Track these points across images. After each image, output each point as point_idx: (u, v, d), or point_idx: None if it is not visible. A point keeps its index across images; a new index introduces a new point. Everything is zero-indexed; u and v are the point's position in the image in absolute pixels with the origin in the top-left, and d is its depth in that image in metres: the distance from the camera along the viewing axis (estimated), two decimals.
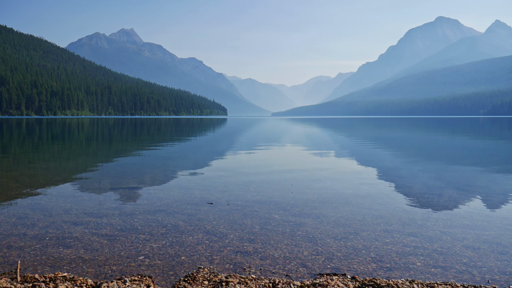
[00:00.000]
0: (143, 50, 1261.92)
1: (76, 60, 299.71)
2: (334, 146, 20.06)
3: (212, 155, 15.27)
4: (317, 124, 64.47)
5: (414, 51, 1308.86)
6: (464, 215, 6.03)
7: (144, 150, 16.90)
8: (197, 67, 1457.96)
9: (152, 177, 9.60)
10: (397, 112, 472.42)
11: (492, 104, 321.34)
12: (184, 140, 23.82)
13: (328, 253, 4.41)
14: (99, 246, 4.56)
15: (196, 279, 3.62)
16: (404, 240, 4.83)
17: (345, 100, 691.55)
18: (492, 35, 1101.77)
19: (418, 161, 13.49)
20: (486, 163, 12.89)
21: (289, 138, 26.56)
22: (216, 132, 36.49)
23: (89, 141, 22.56)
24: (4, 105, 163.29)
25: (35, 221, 5.58)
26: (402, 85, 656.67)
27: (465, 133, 34.59)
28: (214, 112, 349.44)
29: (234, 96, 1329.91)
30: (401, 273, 3.87)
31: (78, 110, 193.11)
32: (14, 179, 9.08)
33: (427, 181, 9.14)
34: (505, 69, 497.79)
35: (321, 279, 3.63)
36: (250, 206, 6.58)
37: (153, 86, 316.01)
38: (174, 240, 4.79)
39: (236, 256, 4.30)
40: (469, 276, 3.81)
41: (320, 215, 5.99)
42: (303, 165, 12.15)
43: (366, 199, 7.13)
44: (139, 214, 6.00)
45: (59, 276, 3.61)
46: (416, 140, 25.14)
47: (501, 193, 7.77)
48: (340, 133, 35.03)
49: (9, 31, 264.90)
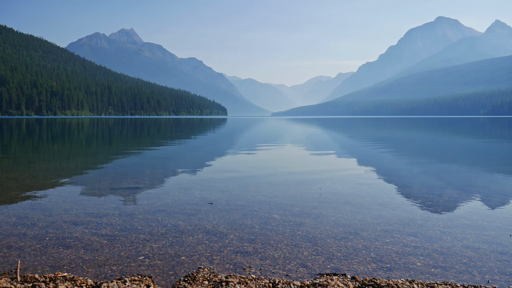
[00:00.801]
0: (143, 50, 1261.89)
1: (76, 60, 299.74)
2: (334, 146, 20.06)
3: (212, 155, 15.27)
4: (317, 124, 64.46)
5: (414, 51, 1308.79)
6: (464, 215, 6.03)
7: (144, 150, 16.90)
8: (197, 67, 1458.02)
9: (152, 177, 9.60)
10: (397, 112, 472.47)
11: (492, 104, 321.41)
12: (184, 140, 23.82)
13: (328, 253, 4.41)
14: (99, 246, 4.56)
15: (196, 279, 3.62)
16: (404, 240, 4.83)
17: (345, 100, 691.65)
18: (492, 35, 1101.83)
19: (418, 161, 13.49)
20: (486, 163, 12.89)
21: (289, 138, 26.56)
22: (216, 132, 36.50)
23: (89, 141, 22.56)
24: (4, 105, 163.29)
25: (35, 221, 5.57)
26: (402, 85, 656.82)
27: (465, 133, 34.59)
28: (214, 112, 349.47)
29: (234, 96, 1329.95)
30: (401, 273, 3.87)
31: (78, 110, 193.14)
32: (14, 179, 9.08)
33: (427, 181, 9.14)
34: (505, 69, 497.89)
35: (321, 279, 3.63)
36: (250, 206, 6.58)
37: (153, 86, 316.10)
38: (174, 240, 4.79)
39: (236, 256, 4.30)
40: (469, 276, 3.81)
41: (320, 215, 5.99)
42: (303, 165, 12.15)
43: (366, 199, 7.13)
44: (139, 214, 6.00)
45: (59, 276, 3.61)
46: (416, 140, 25.14)
47: (501, 193, 7.77)
48: (340, 133, 35.03)
49: (9, 31, 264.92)
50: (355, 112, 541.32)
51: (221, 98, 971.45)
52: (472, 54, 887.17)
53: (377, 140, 24.62)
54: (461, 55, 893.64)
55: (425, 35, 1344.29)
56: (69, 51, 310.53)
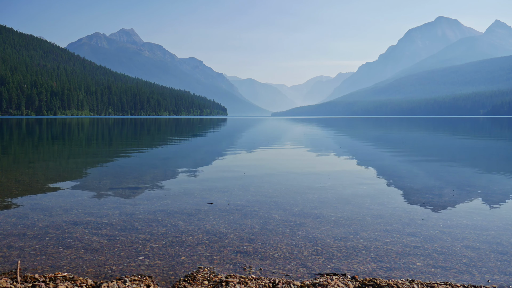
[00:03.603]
0: (143, 50, 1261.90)
1: (76, 60, 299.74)
2: (334, 146, 20.06)
3: (212, 155, 15.27)
4: (317, 124, 64.46)
5: (414, 51, 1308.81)
6: (464, 215, 6.03)
7: (144, 150, 16.90)
8: (197, 67, 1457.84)
9: (152, 177, 9.60)
10: (397, 112, 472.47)
11: (492, 104, 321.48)
12: (184, 140, 23.82)
13: (328, 253, 4.41)
14: (99, 246, 4.56)
15: (196, 279, 3.62)
16: (404, 240, 4.83)
17: (345, 100, 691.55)
18: (492, 35, 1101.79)
19: (418, 161, 13.49)
20: (486, 163, 12.89)
21: (289, 138, 26.56)
22: (216, 132, 36.49)
23: (89, 141, 22.56)
24: (4, 105, 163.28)
25: (35, 221, 5.57)
26: (402, 85, 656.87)
27: (465, 133, 34.59)
28: (214, 112, 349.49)
29: (234, 96, 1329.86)
30: (401, 273, 3.87)
31: (78, 110, 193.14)
32: (14, 179, 9.08)
33: (427, 181, 9.14)
34: (505, 69, 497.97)
35: (321, 279, 3.63)
36: (250, 206, 6.57)
37: (153, 86, 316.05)
38: (174, 240, 4.79)
39: (236, 256, 4.30)
40: (469, 276, 3.81)
41: (320, 215, 5.99)
42: (303, 165, 12.15)
43: (366, 199, 7.13)
44: (139, 214, 6.00)
45: (59, 276, 3.61)
46: (416, 140, 25.13)
47: (501, 193, 7.77)
48: (340, 133, 35.03)
49: (9, 31, 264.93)
50: (355, 112, 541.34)
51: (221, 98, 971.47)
52: (472, 54, 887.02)
53: (377, 140, 24.62)
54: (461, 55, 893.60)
55: (425, 35, 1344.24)
56: (69, 51, 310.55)
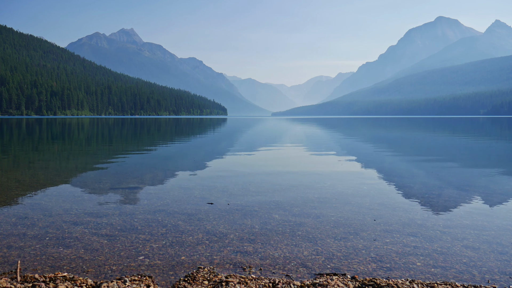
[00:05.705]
0: (143, 50, 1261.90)
1: (76, 60, 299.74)
2: (334, 146, 20.05)
3: (212, 155, 15.27)
4: (317, 124, 64.46)
5: (414, 51, 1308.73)
6: (464, 215, 6.03)
7: (144, 150, 16.90)
8: (197, 67, 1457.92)
9: (152, 177, 9.60)
10: (397, 112, 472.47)
11: (492, 104, 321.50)
12: (184, 140, 23.82)
13: (328, 253, 4.41)
14: (99, 246, 4.56)
15: (196, 279, 3.62)
16: (404, 240, 4.83)
17: (345, 100, 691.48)
18: (492, 35, 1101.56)
19: (418, 161, 13.49)
20: (486, 163, 12.89)
21: (289, 138, 26.56)
22: (216, 132, 36.49)
23: (89, 141, 22.56)
24: (4, 105, 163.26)
25: (35, 221, 5.57)
26: (402, 85, 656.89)
27: (465, 133, 34.59)
28: (214, 112, 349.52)
29: (234, 96, 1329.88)
30: (401, 273, 3.87)
31: (78, 110, 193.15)
32: (14, 179, 9.08)
33: (427, 181, 9.14)
34: (505, 69, 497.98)
35: (321, 279, 3.63)
36: (250, 206, 6.57)
37: (153, 86, 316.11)
38: (174, 240, 4.79)
39: (236, 256, 4.30)
40: (469, 276, 3.81)
41: (320, 215, 5.99)
42: (303, 165, 12.15)
43: (366, 199, 7.13)
44: (139, 214, 6.00)
45: (59, 276, 3.61)
46: (416, 140, 25.13)
47: (501, 193, 7.77)
48: (340, 133, 35.03)
49: (9, 31, 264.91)
50: (355, 112, 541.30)
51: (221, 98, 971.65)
52: (472, 54, 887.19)
53: (377, 140, 24.62)
54: (461, 55, 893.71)
55: (425, 35, 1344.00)
56: (69, 51, 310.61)
